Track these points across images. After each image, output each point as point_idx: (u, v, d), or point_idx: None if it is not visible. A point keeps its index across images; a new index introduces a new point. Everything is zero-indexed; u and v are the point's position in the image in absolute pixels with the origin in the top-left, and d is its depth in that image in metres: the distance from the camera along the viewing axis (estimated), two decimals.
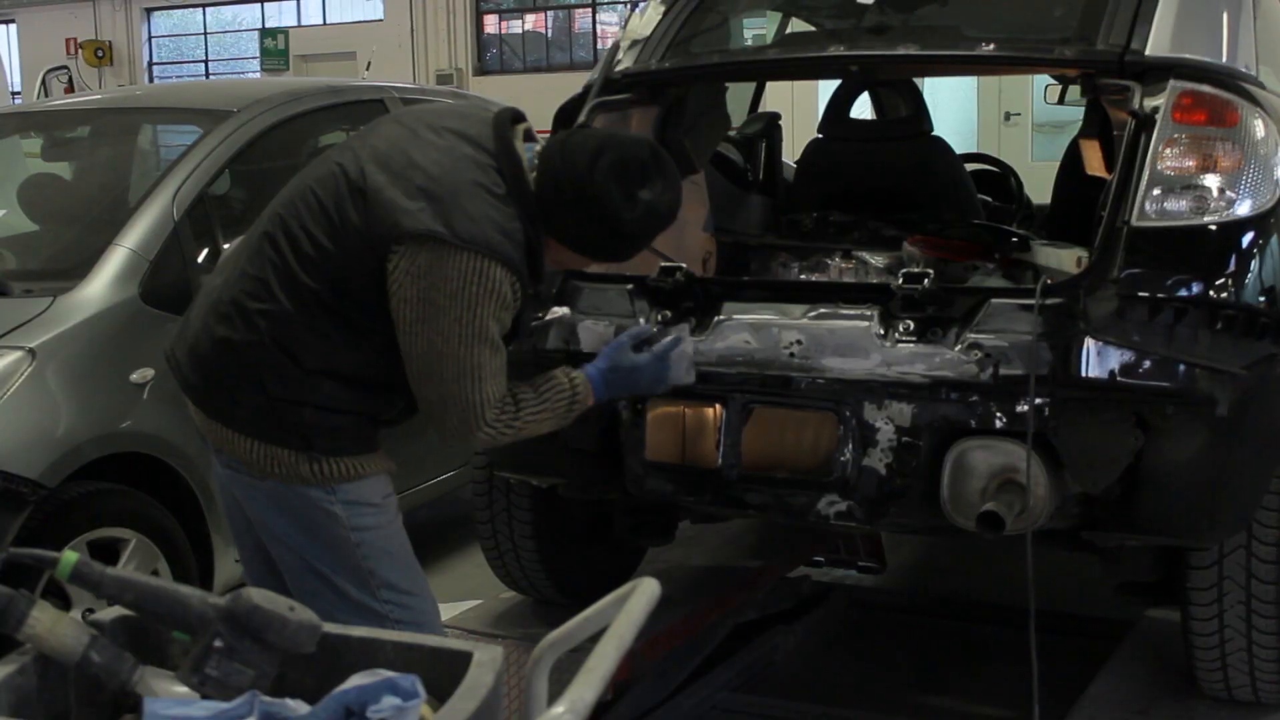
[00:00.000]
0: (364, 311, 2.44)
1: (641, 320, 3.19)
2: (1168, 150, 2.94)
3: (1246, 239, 2.91)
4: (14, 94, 21.52)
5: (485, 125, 2.52)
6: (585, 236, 2.53)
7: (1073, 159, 4.12)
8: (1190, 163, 2.94)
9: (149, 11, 26.12)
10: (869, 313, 3.02)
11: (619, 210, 2.45)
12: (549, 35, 23.10)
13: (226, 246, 3.88)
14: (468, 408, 2.43)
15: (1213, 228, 2.90)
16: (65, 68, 20.53)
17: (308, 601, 2.48)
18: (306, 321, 2.45)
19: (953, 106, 14.62)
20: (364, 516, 2.55)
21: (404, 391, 2.53)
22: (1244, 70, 3.21)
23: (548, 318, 3.15)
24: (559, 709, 1.48)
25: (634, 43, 3.75)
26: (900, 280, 3.02)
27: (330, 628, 1.67)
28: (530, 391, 2.55)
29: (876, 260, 4.00)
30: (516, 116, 2.58)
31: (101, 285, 3.68)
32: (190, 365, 2.58)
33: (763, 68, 4.13)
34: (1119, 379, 2.81)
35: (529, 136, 2.57)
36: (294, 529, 2.56)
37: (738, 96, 5.31)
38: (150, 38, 26.36)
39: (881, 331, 2.99)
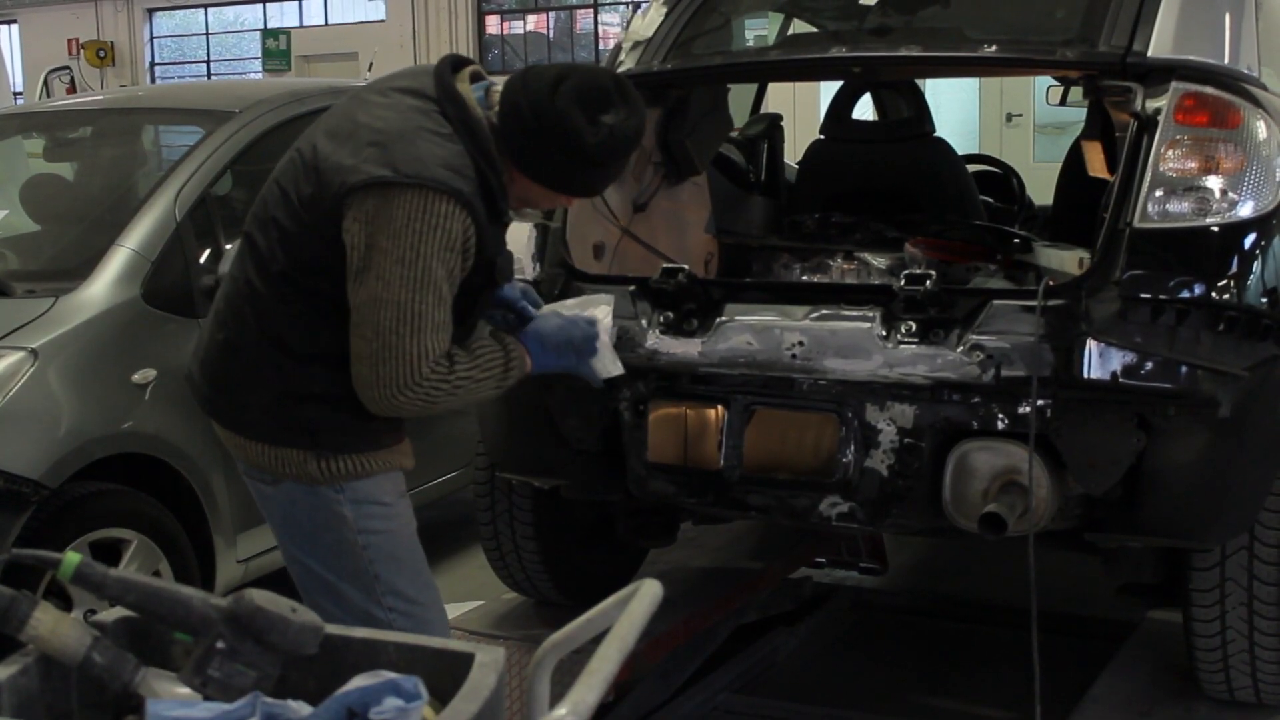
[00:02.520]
0: (335, 284, 2.41)
1: (643, 321, 3.19)
2: (1170, 152, 2.94)
3: (1249, 240, 2.90)
4: (16, 94, 21.53)
5: (428, 75, 2.50)
6: (549, 164, 2.46)
7: (1075, 160, 4.12)
8: (1192, 164, 2.93)
9: (151, 12, 26.13)
10: (871, 314, 3.02)
11: (581, 133, 2.40)
12: (551, 36, 23.10)
13: (229, 247, 3.89)
14: (403, 360, 2.33)
15: (1215, 229, 2.89)
16: (67, 68, 20.53)
17: (316, 612, 2.49)
18: (286, 308, 2.45)
19: (954, 108, 14.61)
20: (372, 519, 2.53)
21: None
22: (1246, 71, 3.21)
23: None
24: (561, 710, 1.48)
25: (636, 44, 3.75)
26: (902, 281, 3.02)
27: (332, 629, 1.67)
28: (463, 352, 2.47)
29: (878, 261, 4.00)
30: (460, 62, 2.56)
31: (103, 286, 3.68)
32: (202, 378, 2.60)
33: (765, 69, 4.13)
34: (1121, 380, 2.81)
35: (476, 77, 2.54)
36: (300, 536, 2.55)
37: (740, 98, 5.31)
38: (152, 38, 26.37)
39: (883, 333, 2.99)
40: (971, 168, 5.29)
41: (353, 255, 2.36)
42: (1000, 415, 2.92)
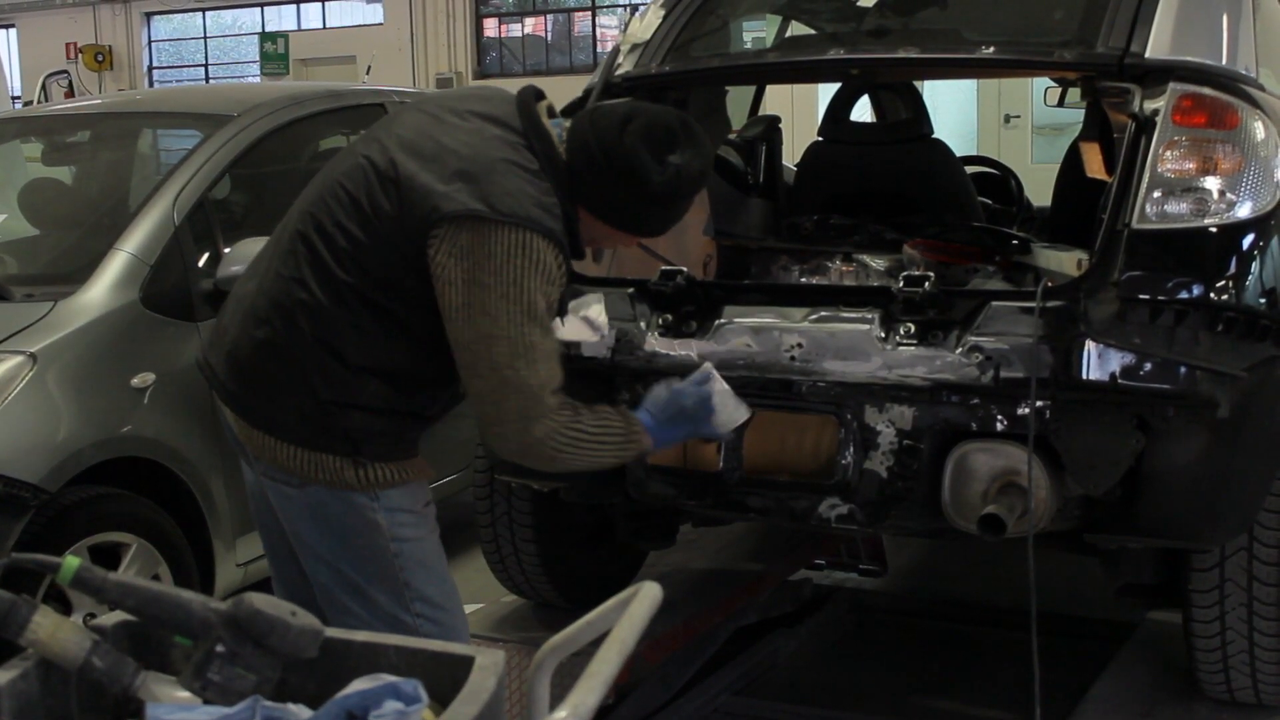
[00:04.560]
0: (403, 302, 2.41)
1: (642, 324, 3.19)
2: (1168, 153, 2.94)
3: (1247, 241, 2.91)
4: (14, 98, 21.54)
5: (509, 104, 2.51)
6: (616, 203, 2.48)
7: (1073, 161, 4.12)
8: (1190, 165, 2.94)
9: (149, 16, 26.14)
10: (870, 316, 3.02)
11: (649, 173, 2.42)
12: (548, 39, 23.12)
13: (227, 251, 3.89)
14: (526, 392, 2.35)
15: (1213, 230, 2.90)
16: (65, 72, 20.54)
17: (338, 616, 2.49)
18: (347, 318, 2.42)
19: (953, 109, 14.61)
20: (404, 527, 2.52)
21: (447, 383, 2.51)
22: (1244, 72, 3.21)
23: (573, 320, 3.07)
24: (561, 713, 1.48)
25: (634, 46, 3.75)
26: (901, 283, 3.02)
27: (332, 632, 1.67)
28: (586, 408, 2.49)
29: (877, 263, 4.00)
30: (539, 94, 2.57)
31: (102, 290, 3.68)
32: (229, 373, 2.55)
33: (763, 71, 4.14)
34: (1120, 381, 2.81)
35: (551, 113, 2.56)
36: (330, 539, 2.52)
37: (738, 100, 5.31)
38: (150, 42, 26.38)
39: (882, 334, 2.99)
40: (970, 169, 5.29)
41: (449, 291, 2.35)
42: (999, 416, 2.92)
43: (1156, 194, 2.91)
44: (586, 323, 3.07)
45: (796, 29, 4.26)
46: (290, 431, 2.47)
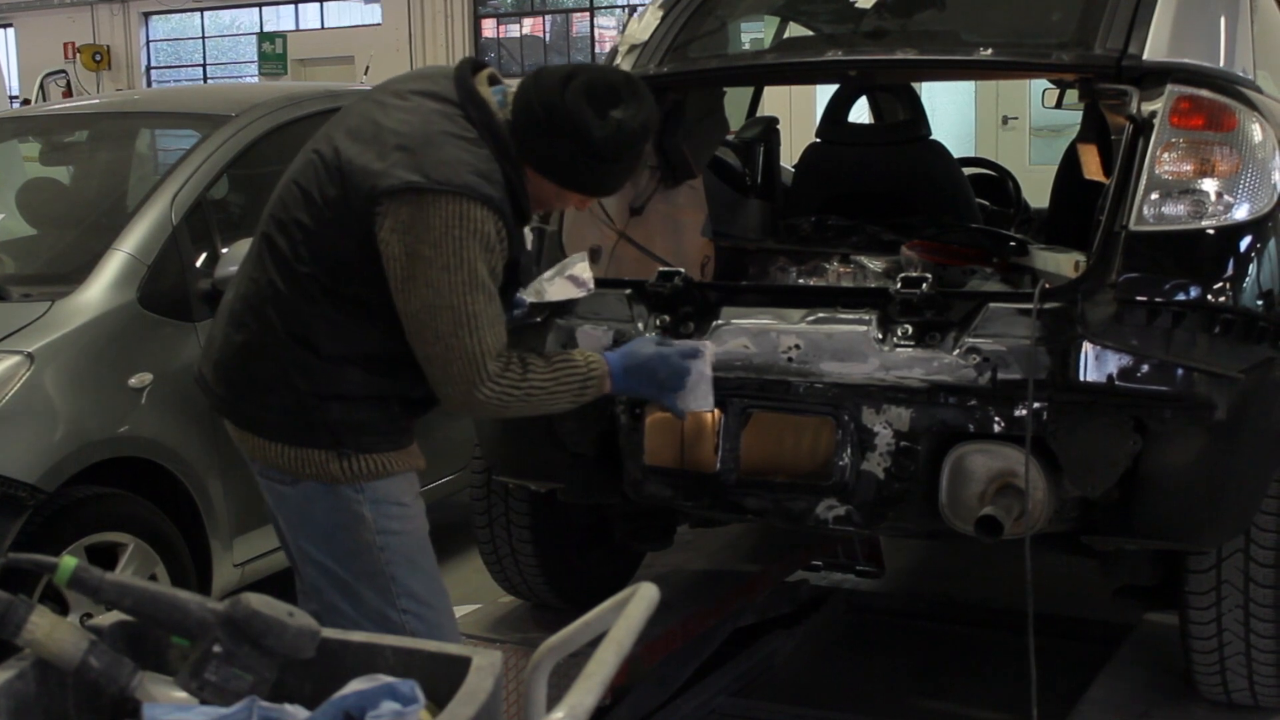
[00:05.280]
0: (364, 285, 2.44)
1: (640, 325, 3.19)
2: (1165, 155, 2.94)
3: (1244, 243, 2.91)
4: (12, 98, 21.54)
5: (447, 78, 2.54)
6: (561, 159, 2.49)
7: (1070, 163, 4.12)
8: (1188, 167, 2.94)
9: (147, 16, 26.11)
10: (867, 317, 3.02)
11: (590, 128, 2.43)
12: (547, 39, 23.10)
13: (225, 250, 3.89)
14: (469, 360, 2.41)
15: (1210, 232, 2.90)
16: (63, 72, 20.52)
17: (329, 616, 2.50)
18: (314, 310, 2.47)
19: (951, 110, 14.62)
20: (391, 520, 2.55)
21: None
22: (1241, 74, 3.21)
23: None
24: (558, 714, 1.48)
25: (632, 47, 3.75)
26: (898, 285, 3.03)
27: (329, 633, 1.67)
28: (541, 360, 2.54)
29: (874, 265, 4.00)
30: (478, 64, 2.60)
31: (100, 290, 3.68)
32: (216, 379, 2.61)
33: (761, 72, 4.14)
34: (1117, 383, 2.81)
35: (494, 80, 2.58)
36: (319, 536, 2.56)
37: (736, 101, 5.31)
38: (148, 42, 26.35)
39: (880, 336, 2.99)
40: (967, 170, 5.30)
41: (393, 265, 2.39)
42: (996, 418, 2.92)
43: (1154, 196, 2.91)
44: (572, 280, 3.12)
45: (795, 30, 4.26)
46: (276, 429, 2.52)
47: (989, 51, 3.42)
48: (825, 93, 5.69)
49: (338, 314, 2.47)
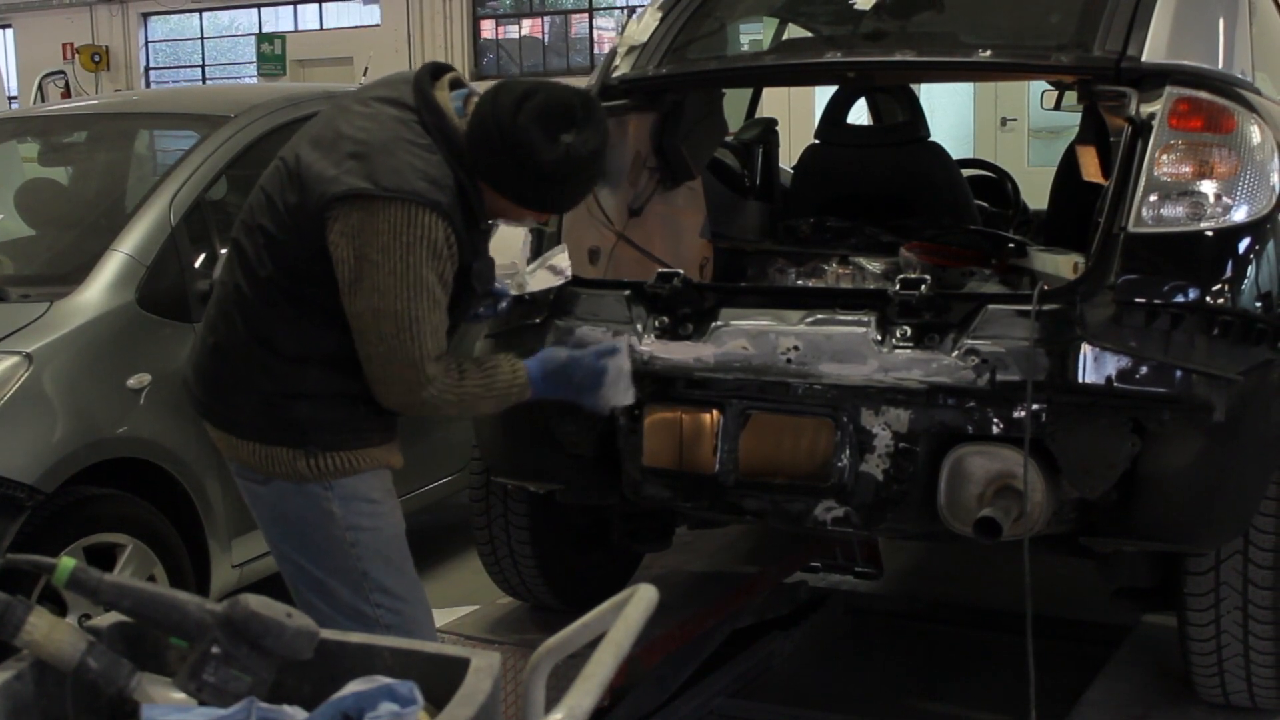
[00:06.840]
0: (321, 288, 2.48)
1: (639, 326, 3.19)
2: (1164, 156, 2.95)
3: (1243, 245, 2.91)
4: (11, 99, 21.53)
5: (407, 84, 2.56)
6: (509, 179, 2.52)
7: (1069, 165, 4.12)
8: (1187, 169, 2.94)
9: (146, 16, 26.10)
10: (866, 318, 3.02)
11: (539, 151, 2.45)
12: (546, 40, 23.10)
13: (223, 251, 3.88)
14: (409, 362, 2.44)
15: (1209, 234, 2.90)
16: (62, 72, 20.53)
17: (305, 611, 2.51)
18: (274, 312, 2.52)
19: (949, 112, 14.62)
20: (361, 516, 2.58)
21: None
22: (1240, 76, 3.21)
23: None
24: (557, 715, 1.48)
25: (631, 48, 3.75)
26: (897, 286, 3.03)
27: (328, 634, 1.67)
28: (474, 365, 2.59)
29: (873, 266, 4.00)
30: (439, 69, 2.61)
31: (98, 290, 3.68)
32: (195, 381, 2.67)
33: (760, 73, 4.14)
34: (1116, 385, 2.81)
35: (456, 84, 2.59)
36: (291, 534, 2.61)
37: (735, 102, 5.31)
38: (147, 43, 26.34)
39: (878, 337, 2.99)
40: (966, 172, 5.30)
41: (343, 269, 2.43)
42: (995, 420, 2.92)
43: (1153, 197, 2.91)
44: (552, 270, 3.15)
45: (793, 31, 4.27)
46: (246, 429, 2.57)
47: (988, 53, 3.42)
48: (824, 94, 5.69)
49: (297, 316, 2.51)
